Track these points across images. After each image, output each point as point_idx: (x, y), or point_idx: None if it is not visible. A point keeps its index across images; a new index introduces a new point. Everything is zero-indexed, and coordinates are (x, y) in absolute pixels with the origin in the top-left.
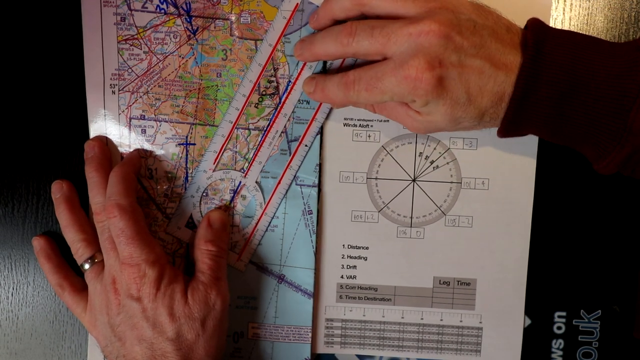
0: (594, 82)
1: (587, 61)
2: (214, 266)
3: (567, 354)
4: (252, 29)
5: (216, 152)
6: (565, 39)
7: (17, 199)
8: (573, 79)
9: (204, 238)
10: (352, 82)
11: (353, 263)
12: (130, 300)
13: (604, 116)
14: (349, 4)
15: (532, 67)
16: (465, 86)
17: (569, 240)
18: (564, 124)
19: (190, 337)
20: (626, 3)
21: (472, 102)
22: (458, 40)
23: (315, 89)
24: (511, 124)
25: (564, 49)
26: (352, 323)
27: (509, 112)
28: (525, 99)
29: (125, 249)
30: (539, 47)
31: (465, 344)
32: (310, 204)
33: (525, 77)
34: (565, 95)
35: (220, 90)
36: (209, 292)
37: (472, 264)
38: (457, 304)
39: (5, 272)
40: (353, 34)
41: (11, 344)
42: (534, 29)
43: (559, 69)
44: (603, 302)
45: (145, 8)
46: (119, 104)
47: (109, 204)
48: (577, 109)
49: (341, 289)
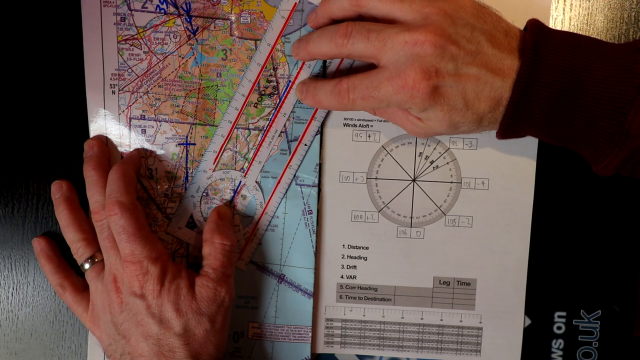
0: (592, 84)
1: (584, 63)
2: (226, 262)
3: (567, 354)
4: (252, 29)
5: (216, 152)
6: (563, 40)
7: (17, 199)
8: (570, 80)
9: (217, 231)
10: (346, 90)
11: (353, 263)
12: (133, 298)
13: (601, 118)
14: (347, 4)
15: (530, 71)
16: (462, 93)
17: (569, 241)
18: (561, 126)
19: (198, 332)
20: (626, 3)
21: (470, 108)
22: (453, 49)
23: (307, 95)
24: (509, 126)
25: (562, 51)
26: (352, 323)
27: (507, 115)
28: (522, 103)
29: (127, 247)
30: (537, 50)
31: (466, 344)
32: (310, 204)
33: (523, 81)
34: (562, 97)
35: (220, 90)
36: (219, 290)
37: (472, 264)
38: (457, 304)
39: (5, 272)
40: (348, 36)
41: (11, 344)
42: (533, 31)
43: (556, 71)
44: (603, 302)
45: (145, 8)
46: (119, 104)
47: (109, 202)
48: (574, 111)
49: (341, 289)
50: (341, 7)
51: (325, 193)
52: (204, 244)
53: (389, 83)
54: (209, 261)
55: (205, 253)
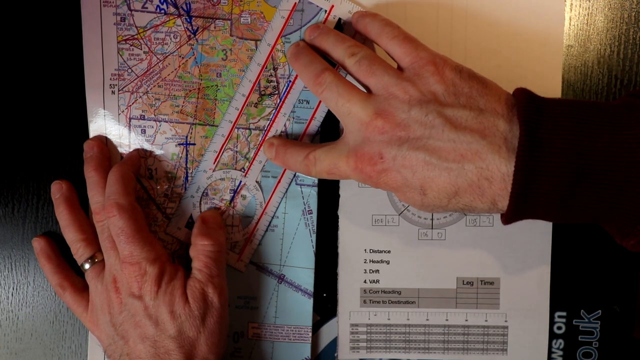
0: (604, 164)
1: (591, 139)
2: (209, 263)
3: (567, 354)
4: (252, 29)
5: (216, 152)
6: (563, 114)
7: (17, 199)
8: (578, 164)
9: (199, 234)
10: (313, 163)
11: (376, 267)
12: (132, 299)
13: (623, 200)
14: (339, 55)
15: (528, 160)
16: (410, 178)
17: (569, 240)
18: (576, 213)
19: (191, 334)
20: (626, 3)
21: (428, 193)
22: (402, 134)
23: (276, 157)
24: (511, 220)
25: (564, 128)
26: (377, 327)
27: (506, 214)
28: (524, 200)
29: (126, 248)
30: (533, 133)
31: (492, 344)
32: (310, 204)
33: (522, 172)
34: (572, 185)
35: (220, 90)
36: (206, 289)
37: (495, 263)
38: (481, 303)
39: (5, 272)
40: (322, 85)
41: (11, 344)
42: (523, 118)
43: (561, 156)
44: (603, 302)
45: (145, 8)
46: (119, 104)
47: (108, 204)
48: (589, 197)
49: (365, 293)
50: (334, 47)
51: (344, 199)
52: (190, 248)
53: (346, 163)
54: (194, 263)
55: (191, 256)
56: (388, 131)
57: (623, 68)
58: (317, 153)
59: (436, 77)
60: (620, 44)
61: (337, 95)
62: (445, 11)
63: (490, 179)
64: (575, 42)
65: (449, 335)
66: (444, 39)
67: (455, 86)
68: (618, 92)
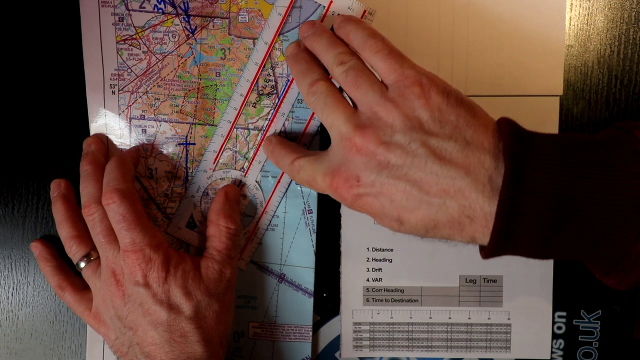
0: (588, 206)
1: (576, 180)
2: (230, 245)
3: (567, 354)
4: (250, 28)
5: (216, 152)
6: (550, 151)
7: (17, 199)
8: (562, 206)
9: (223, 213)
10: (297, 170)
11: (378, 266)
12: (137, 287)
13: (603, 242)
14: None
15: (509, 211)
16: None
17: None
18: (556, 252)
19: (208, 314)
20: (626, 3)
21: (404, 224)
22: (382, 158)
23: (271, 155)
24: (491, 256)
25: (550, 167)
26: (380, 326)
27: (487, 249)
28: (504, 238)
29: (127, 235)
30: (518, 188)
31: (495, 341)
32: (310, 203)
33: (505, 207)
34: (555, 223)
35: (220, 90)
36: (224, 271)
37: (498, 261)
38: (484, 301)
39: (5, 272)
40: (314, 94)
41: (11, 344)
42: (509, 155)
43: (545, 196)
44: (603, 302)
45: (143, 8)
46: (119, 104)
47: (107, 190)
48: (570, 237)
49: (367, 292)
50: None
51: None
52: (208, 225)
53: (322, 179)
54: (213, 243)
55: (209, 234)
56: (367, 153)
57: (623, 68)
58: (301, 161)
59: (422, 100)
60: (620, 44)
61: (324, 105)
62: (447, 9)
63: (472, 217)
64: (575, 42)
65: (452, 333)
66: (446, 37)
67: (441, 112)
68: (618, 92)
